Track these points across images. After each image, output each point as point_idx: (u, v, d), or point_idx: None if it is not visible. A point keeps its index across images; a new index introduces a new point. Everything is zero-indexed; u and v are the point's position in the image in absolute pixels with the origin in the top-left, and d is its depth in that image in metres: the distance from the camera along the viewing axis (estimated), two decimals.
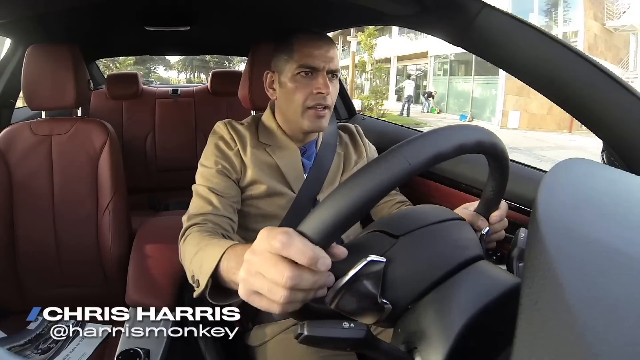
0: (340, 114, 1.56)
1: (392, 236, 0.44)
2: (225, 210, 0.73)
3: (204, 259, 0.55)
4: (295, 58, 0.75)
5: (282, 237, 0.35)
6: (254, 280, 0.37)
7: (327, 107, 0.76)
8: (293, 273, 0.34)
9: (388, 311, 0.40)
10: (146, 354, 0.73)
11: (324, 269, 0.35)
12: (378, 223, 0.47)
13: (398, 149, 0.37)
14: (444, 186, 1.07)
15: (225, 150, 0.78)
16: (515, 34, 0.62)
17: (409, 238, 0.44)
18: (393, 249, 0.42)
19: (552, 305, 0.21)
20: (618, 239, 0.25)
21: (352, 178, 0.36)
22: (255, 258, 0.37)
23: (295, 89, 0.76)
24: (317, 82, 0.74)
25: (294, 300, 0.36)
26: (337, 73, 0.78)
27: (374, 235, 0.45)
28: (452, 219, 0.48)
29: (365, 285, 0.39)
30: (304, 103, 0.75)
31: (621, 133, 0.57)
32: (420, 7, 0.74)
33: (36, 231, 1.08)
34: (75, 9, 0.98)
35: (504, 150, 0.47)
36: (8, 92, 1.29)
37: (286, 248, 0.34)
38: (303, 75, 0.75)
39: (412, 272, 0.42)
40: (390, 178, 0.36)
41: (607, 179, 0.36)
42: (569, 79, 0.59)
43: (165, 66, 23.52)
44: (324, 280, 0.36)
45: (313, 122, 0.77)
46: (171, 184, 1.91)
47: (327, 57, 0.75)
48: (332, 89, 0.76)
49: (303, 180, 0.81)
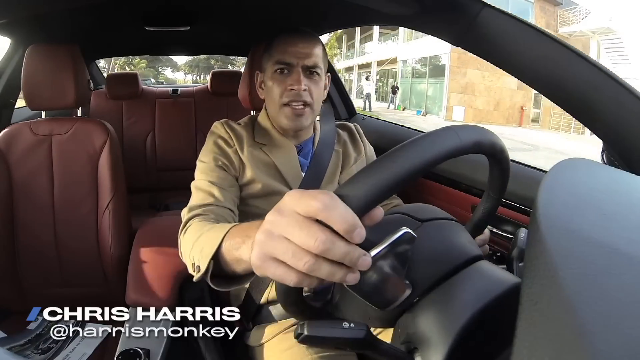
0: (340, 114, 1.56)
1: (417, 219, 0.45)
2: (227, 202, 0.72)
3: (205, 243, 0.52)
4: (273, 55, 0.77)
5: (324, 197, 0.31)
6: (275, 243, 0.32)
7: (306, 103, 0.76)
8: (327, 237, 0.30)
9: (408, 292, 0.39)
10: (146, 354, 0.73)
11: (359, 240, 0.31)
12: (401, 208, 0.48)
13: (450, 127, 0.39)
14: (444, 186, 1.07)
15: (224, 147, 0.78)
16: (516, 34, 0.62)
17: (432, 225, 0.45)
18: (418, 231, 0.41)
19: (552, 305, 0.21)
20: (618, 239, 0.25)
21: (397, 149, 0.35)
22: (282, 219, 0.32)
23: (272, 86, 0.77)
24: (290, 77, 0.75)
25: (318, 272, 0.31)
26: (315, 69, 0.77)
27: (399, 216, 0.46)
28: (455, 220, 0.49)
29: (394, 261, 0.36)
30: (280, 100, 0.76)
31: (621, 133, 0.57)
32: (420, 7, 0.74)
33: (36, 231, 1.08)
34: (75, 9, 0.98)
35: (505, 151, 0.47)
36: (8, 92, 1.29)
37: (328, 210, 0.30)
38: (279, 73, 0.76)
39: (434, 255, 0.43)
40: (441, 150, 0.36)
41: (607, 179, 0.36)
42: (569, 78, 0.59)
43: (172, 68, 24.32)
44: (356, 255, 0.31)
45: (291, 120, 0.77)
46: (171, 184, 1.91)
47: (302, 53, 0.75)
48: (311, 86, 0.76)
49: (301, 178, 0.81)
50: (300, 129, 0.80)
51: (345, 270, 0.32)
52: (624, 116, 0.56)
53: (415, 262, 0.39)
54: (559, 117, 14.85)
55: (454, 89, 14.77)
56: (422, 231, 0.44)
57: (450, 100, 14.65)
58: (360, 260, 0.32)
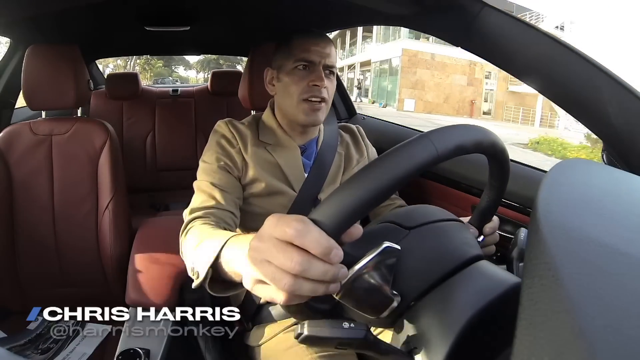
0: (340, 114, 1.56)
1: (404, 227, 0.44)
2: (228, 204, 0.73)
3: (204, 250, 0.54)
4: (294, 53, 0.78)
5: (297, 224, 0.33)
6: (259, 267, 0.35)
7: (323, 100, 0.78)
8: (302, 258, 0.33)
9: (395, 304, 0.39)
10: (146, 354, 0.73)
11: (337, 260, 0.33)
12: (390, 215, 0.47)
13: (425, 135, 0.37)
14: (444, 186, 1.07)
15: (227, 147, 0.78)
16: (516, 34, 0.62)
17: (420, 231, 0.44)
18: (405, 240, 0.42)
19: (552, 305, 0.21)
20: (618, 239, 0.25)
21: (368, 166, 0.35)
22: (262, 245, 0.35)
23: (292, 82, 0.78)
24: (313, 75, 0.77)
25: (300, 291, 0.34)
26: (333, 69, 0.80)
27: (386, 225, 0.45)
28: (454, 219, 0.48)
29: (378, 274, 0.37)
30: (300, 95, 0.77)
31: (621, 133, 0.57)
32: (421, 7, 0.74)
33: (36, 231, 1.08)
34: (76, 9, 0.98)
35: (504, 150, 0.47)
36: (8, 92, 1.29)
37: (301, 236, 0.33)
38: (300, 69, 0.77)
39: (424, 264, 0.42)
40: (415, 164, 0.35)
41: (607, 179, 0.36)
42: (569, 78, 0.59)
43: (185, 66, 25.63)
44: (334, 272, 0.34)
45: (308, 115, 0.78)
46: (171, 184, 1.91)
47: (323, 53, 0.77)
48: (328, 84, 0.78)
49: (304, 179, 0.81)
50: (316, 124, 0.81)
51: (326, 285, 0.34)
52: (624, 116, 0.56)
53: (403, 272, 0.40)
54: (511, 110, 17.70)
55: (406, 85, 18.84)
56: (410, 239, 0.43)
57: (402, 94, 18.82)
58: (340, 275, 0.34)
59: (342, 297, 0.37)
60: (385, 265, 0.37)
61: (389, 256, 0.37)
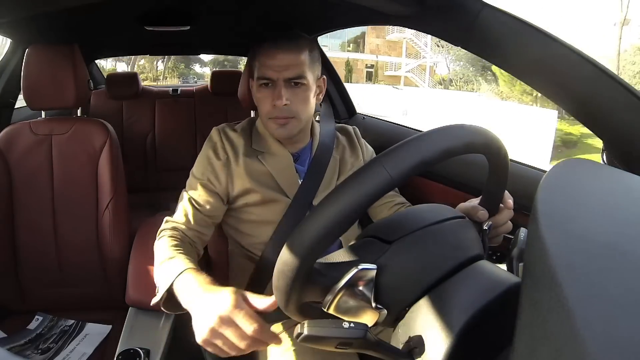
0: (340, 114, 1.56)
1: (385, 242, 0.44)
2: (197, 224, 0.76)
3: (163, 274, 0.63)
4: (257, 68, 0.77)
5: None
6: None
7: (289, 116, 0.76)
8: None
9: (383, 315, 0.41)
10: (146, 354, 0.73)
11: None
12: (372, 228, 0.47)
13: (378, 160, 0.37)
14: (443, 186, 1.07)
15: (213, 160, 0.79)
16: (516, 33, 0.62)
17: (402, 243, 0.43)
18: (386, 255, 0.42)
19: (552, 305, 0.21)
20: (618, 239, 0.25)
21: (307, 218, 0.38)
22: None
23: (259, 100, 0.78)
24: (275, 92, 0.74)
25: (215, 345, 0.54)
26: (299, 79, 0.75)
27: (367, 241, 0.45)
28: (451, 218, 0.48)
29: (359, 291, 0.40)
30: (266, 115, 0.77)
31: (621, 133, 0.57)
32: (421, 7, 0.74)
33: (36, 231, 1.08)
34: (75, 9, 0.98)
35: (502, 147, 0.47)
36: (8, 92, 1.29)
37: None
38: (264, 86, 0.76)
39: (405, 278, 0.42)
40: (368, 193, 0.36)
41: (607, 179, 0.36)
42: (569, 78, 0.59)
43: (200, 64, 27.06)
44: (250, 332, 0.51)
45: (278, 131, 0.78)
46: (171, 184, 1.89)
47: (280, 66, 0.73)
48: (294, 98, 0.75)
49: (298, 186, 0.81)
50: (289, 137, 0.80)
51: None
52: (624, 116, 0.56)
53: (386, 287, 0.41)
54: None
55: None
56: (391, 254, 0.42)
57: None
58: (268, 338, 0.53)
59: (335, 310, 0.40)
60: (363, 284, 0.40)
61: (366, 275, 0.40)
